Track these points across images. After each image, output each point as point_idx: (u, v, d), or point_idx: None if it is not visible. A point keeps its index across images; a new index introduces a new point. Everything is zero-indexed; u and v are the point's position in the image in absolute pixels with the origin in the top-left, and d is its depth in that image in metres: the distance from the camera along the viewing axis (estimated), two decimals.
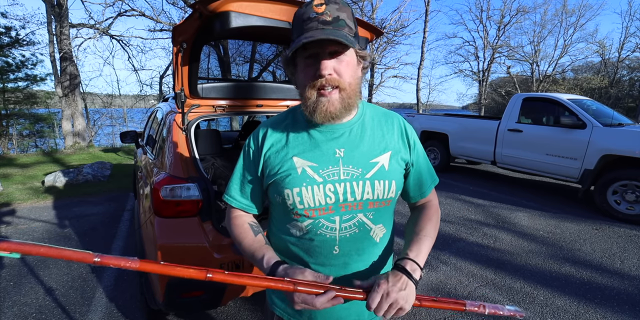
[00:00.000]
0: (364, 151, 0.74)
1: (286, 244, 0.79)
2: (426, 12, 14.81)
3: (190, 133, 1.80)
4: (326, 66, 0.66)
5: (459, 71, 22.65)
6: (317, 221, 0.73)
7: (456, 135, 5.81)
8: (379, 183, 0.73)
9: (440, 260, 2.77)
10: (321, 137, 0.74)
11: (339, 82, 0.68)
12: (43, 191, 4.77)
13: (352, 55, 0.70)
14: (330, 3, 0.67)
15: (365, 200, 0.73)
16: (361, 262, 0.77)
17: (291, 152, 0.74)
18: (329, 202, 0.71)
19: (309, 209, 0.71)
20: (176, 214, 1.55)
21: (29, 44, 11.20)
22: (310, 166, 0.72)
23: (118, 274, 2.51)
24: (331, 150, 0.73)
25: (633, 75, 21.25)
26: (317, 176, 0.71)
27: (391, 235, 0.84)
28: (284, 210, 0.75)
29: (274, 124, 0.80)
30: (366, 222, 0.75)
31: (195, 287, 1.55)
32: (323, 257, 0.75)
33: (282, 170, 0.73)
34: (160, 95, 14.11)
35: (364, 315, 0.81)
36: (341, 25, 0.67)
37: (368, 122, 0.78)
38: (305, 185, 0.71)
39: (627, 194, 3.70)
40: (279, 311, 0.83)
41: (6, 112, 11.48)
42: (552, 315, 2.05)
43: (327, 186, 0.71)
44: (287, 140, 0.76)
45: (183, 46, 1.63)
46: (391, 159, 0.75)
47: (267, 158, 0.76)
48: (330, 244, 0.74)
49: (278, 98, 2.34)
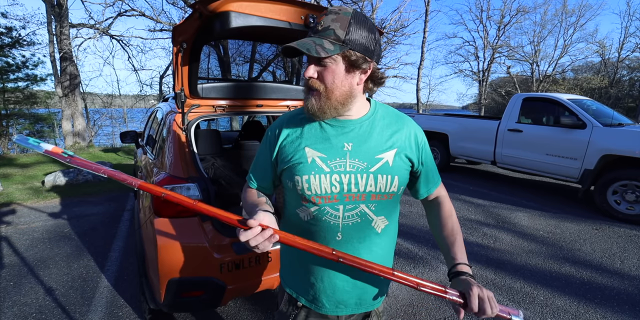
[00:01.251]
0: (370, 147, 0.79)
1: (295, 227, 0.86)
2: (426, 12, 14.82)
3: (190, 133, 1.80)
4: (308, 70, 0.74)
5: (459, 71, 22.66)
6: (322, 208, 0.79)
7: (456, 135, 5.81)
8: (382, 177, 0.78)
9: (440, 260, 2.77)
10: (332, 131, 0.81)
11: (318, 86, 0.74)
12: (43, 191, 4.77)
13: (337, 61, 0.73)
14: (330, 13, 0.72)
15: (368, 192, 0.79)
16: (362, 249, 0.82)
17: (304, 142, 0.81)
18: (334, 191, 0.78)
19: (315, 195, 0.78)
20: (176, 214, 1.55)
21: (29, 44, 11.21)
22: (319, 157, 0.79)
23: (118, 273, 2.51)
24: (340, 143, 0.79)
25: (633, 75, 21.25)
26: (325, 166, 0.78)
27: (394, 228, 0.89)
28: (295, 195, 0.83)
29: (291, 116, 0.87)
30: (368, 213, 0.80)
31: (195, 287, 1.55)
32: (327, 242, 0.81)
33: (295, 159, 0.80)
34: (160, 95, 14.10)
35: (366, 298, 0.86)
36: (327, 34, 0.71)
37: (378, 120, 0.83)
38: (313, 174, 0.78)
39: (627, 194, 3.70)
40: (289, 289, 0.92)
41: (6, 112, 11.49)
42: (552, 315, 2.05)
43: (334, 176, 0.77)
44: (301, 132, 0.83)
45: (183, 46, 1.63)
46: (396, 157, 0.80)
47: (282, 147, 0.84)
48: (334, 230, 0.80)
49: (278, 98, 2.34)
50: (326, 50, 0.69)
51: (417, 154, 0.85)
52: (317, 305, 0.86)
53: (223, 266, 1.56)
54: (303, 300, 0.88)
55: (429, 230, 3.41)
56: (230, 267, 1.58)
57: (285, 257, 0.95)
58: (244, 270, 1.62)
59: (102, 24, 11.04)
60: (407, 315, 2.04)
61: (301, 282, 0.88)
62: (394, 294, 2.26)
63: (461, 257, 0.79)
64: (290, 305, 0.90)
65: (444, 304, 2.15)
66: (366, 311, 0.89)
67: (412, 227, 3.50)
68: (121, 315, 2.02)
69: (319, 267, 0.83)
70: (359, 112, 0.82)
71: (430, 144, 6.33)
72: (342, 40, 0.70)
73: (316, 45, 0.70)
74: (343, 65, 0.74)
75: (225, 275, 1.57)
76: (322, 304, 0.85)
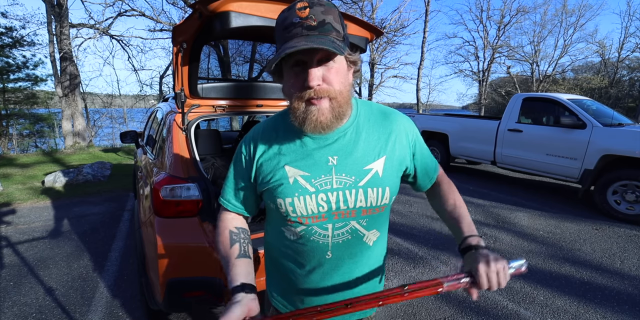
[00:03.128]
0: (357, 158, 0.72)
1: (281, 245, 0.80)
2: (426, 12, 14.82)
3: (190, 133, 1.80)
4: (314, 76, 0.62)
5: (459, 71, 22.68)
6: (310, 228, 0.73)
7: (456, 135, 5.81)
8: (372, 191, 0.71)
9: (440, 260, 2.77)
10: (313, 144, 0.72)
11: (328, 91, 0.64)
12: (43, 191, 4.77)
13: (341, 61, 0.66)
14: (314, 5, 0.61)
15: (359, 208, 0.72)
16: (353, 264, 0.78)
17: (283, 160, 0.72)
18: (321, 211, 0.71)
19: (301, 217, 0.71)
20: (176, 214, 1.55)
21: (30, 44, 11.22)
22: (302, 175, 0.71)
23: (118, 274, 2.51)
24: (324, 158, 0.71)
25: (633, 75, 21.26)
26: (309, 186, 0.70)
27: (385, 235, 0.85)
28: (279, 215, 0.75)
29: (265, 129, 0.78)
30: (359, 228, 0.75)
31: (196, 287, 1.55)
32: (316, 260, 0.76)
33: (275, 180, 0.72)
34: (160, 95, 14.11)
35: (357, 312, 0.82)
36: (327, 29, 0.62)
37: (363, 124, 0.75)
38: (297, 195, 0.70)
39: (627, 194, 3.70)
40: (275, 302, 0.87)
41: (6, 112, 11.50)
42: (552, 315, 2.05)
43: (320, 195, 0.70)
44: (279, 147, 0.74)
45: (183, 46, 1.63)
46: (386, 164, 0.73)
47: (259, 165, 0.75)
48: (323, 250, 0.75)
49: (278, 98, 2.34)
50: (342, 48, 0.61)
51: (410, 151, 0.79)
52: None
53: None
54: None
55: (429, 230, 3.42)
56: None
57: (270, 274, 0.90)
58: None
59: (102, 24, 11.04)
60: (407, 315, 2.04)
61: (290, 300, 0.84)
62: None
63: (468, 230, 0.74)
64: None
65: (444, 303, 2.15)
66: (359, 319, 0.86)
67: (412, 227, 3.50)
68: (121, 315, 2.02)
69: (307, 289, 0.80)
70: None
71: (430, 144, 6.33)
72: (342, 36, 0.65)
73: (332, 42, 0.60)
74: (345, 62, 0.68)
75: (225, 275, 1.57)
76: None
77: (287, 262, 0.80)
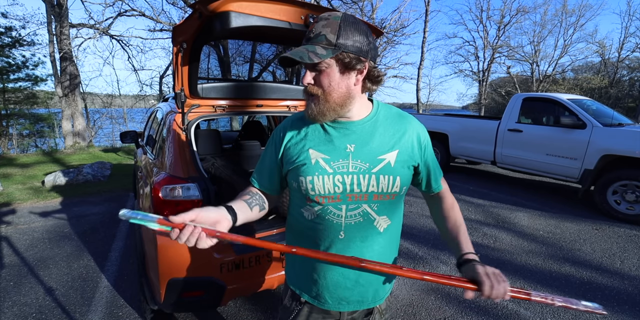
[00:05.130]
0: (373, 148, 0.81)
1: (300, 225, 0.89)
2: (426, 12, 14.83)
3: (190, 133, 1.80)
4: (305, 77, 0.77)
5: (459, 71, 22.69)
6: (325, 207, 0.82)
7: (456, 135, 5.81)
8: (384, 177, 0.80)
9: (440, 260, 2.77)
10: (335, 133, 0.83)
11: (316, 91, 0.77)
12: (43, 191, 4.78)
13: (331, 64, 0.75)
14: (320, 20, 0.75)
15: (370, 192, 0.80)
16: (365, 248, 0.84)
17: (308, 144, 0.84)
18: (337, 191, 0.80)
19: (319, 195, 0.81)
20: (176, 214, 1.55)
21: (30, 44, 11.21)
22: (323, 158, 0.81)
23: (118, 273, 2.51)
24: (343, 145, 0.82)
25: (633, 75, 21.24)
26: (328, 167, 0.80)
27: (397, 227, 0.91)
28: (299, 195, 0.85)
29: (296, 119, 0.90)
30: (370, 212, 0.82)
31: (196, 287, 1.55)
32: (330, 240, 0.83)
33: (299, 160, 0.83)
34: (160, 95, 14.11)
35: (367, 296, 0.88)
36: (319, 40, 0.73)
37: (381, 121, 0.85)
38: (317, 175, 0.80)
39: (627, 194, 3.70)
40: (292, 286, 0.94)
41: (6, 112, 11.48)
42: (552, 315, 2.05)
43: (337, 177, 0.80)
44: (305, 134, 0.86)
45: (183, 46, 1.63)
46: (398, 157, 0.82)
47: (287, 148, 0.87)
48: (337, 229, 0.83)
49: (278, 98, 2.34)
50: (319, 56, 0.71)
51: (420, 153, 0.87)
52: (319, 301, 0.89)
53: (223, 266, 1.56)
54: (306, 297, 0.90)
55: (429, 230, 3.42)
56: (231, 267, 1.58)
57: (289, 255, 0.98)
58: (244, 270, 1.62)
59: (102, 24, 11.05)
60: (407, 315, 2.04)
61: (304, 280, 0.90)
62: (394, 293, 2.26)
63: (467, 247, 0.83)
64: (294, 300, 0.93)
65: (444, 303, 2.15)
66: (368, 308, 0.91)
67: (412, 227, 3.50)
68: (121, 315, 2.02)
69: (321, 264, 0.85)
70: (360, 113, 0.84)
71: None
72: (333, 44, 0.73)
73: (309, 52, 0.72)
74: (337, 68, 0.76)
75: (225, 275, 1.57)
76: (324, 300, 0.88)
77: (304, 242, 0.88)
